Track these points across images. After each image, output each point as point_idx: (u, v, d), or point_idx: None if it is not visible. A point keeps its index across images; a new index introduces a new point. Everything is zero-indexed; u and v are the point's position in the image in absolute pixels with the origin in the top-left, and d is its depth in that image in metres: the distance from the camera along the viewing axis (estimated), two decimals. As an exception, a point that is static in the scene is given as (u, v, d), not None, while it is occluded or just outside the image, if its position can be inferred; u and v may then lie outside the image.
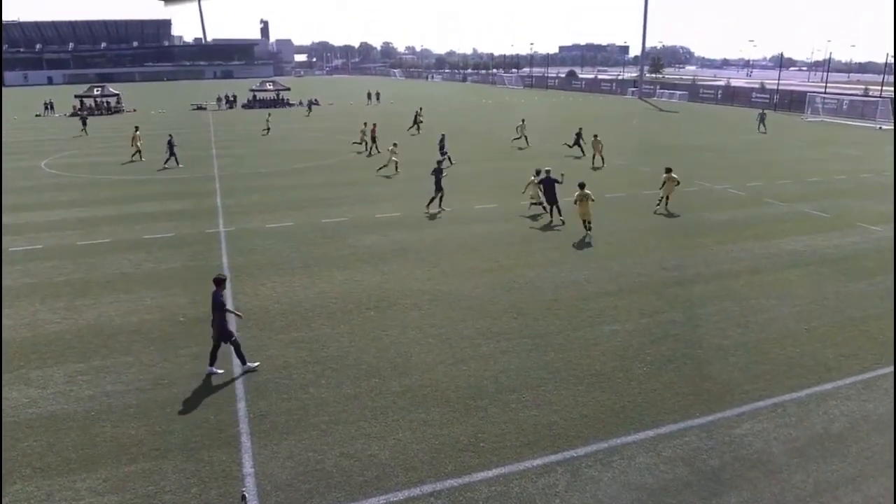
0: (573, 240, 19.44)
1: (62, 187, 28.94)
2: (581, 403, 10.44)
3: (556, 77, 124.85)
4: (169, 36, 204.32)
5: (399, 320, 13.82)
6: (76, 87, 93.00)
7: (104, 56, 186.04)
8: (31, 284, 16.51)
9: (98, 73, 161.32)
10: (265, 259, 18.15)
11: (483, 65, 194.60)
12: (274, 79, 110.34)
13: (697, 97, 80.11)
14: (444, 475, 8.74)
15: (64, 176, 32.19)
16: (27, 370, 11.93)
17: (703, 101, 77.94)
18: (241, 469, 8.98)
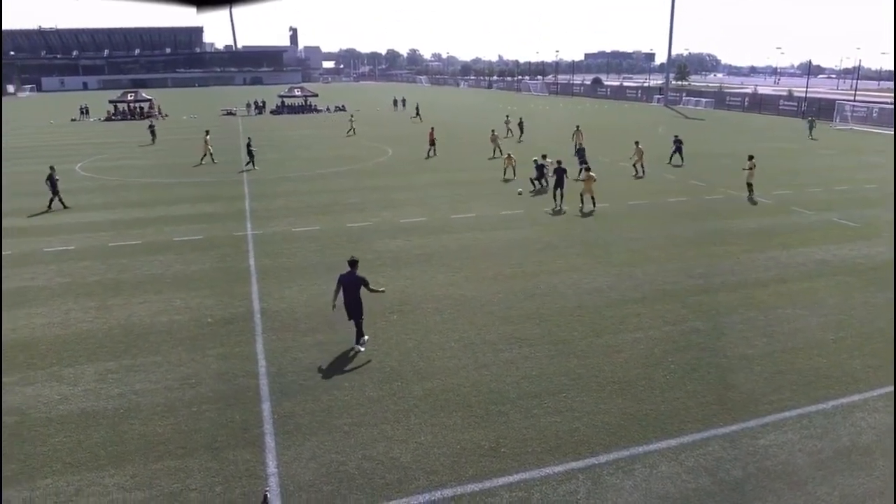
0: (596, 247, 19.32)
1: (95, 190, 29.49)
2: (603, 410, 10.36)
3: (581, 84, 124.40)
4: (201, 43, 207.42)
5: (422, 324, 13.84)
6: (110, 93, 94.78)
7: (138, 62, 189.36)
8: (65, 284, 16.84)
9: (132, 79, 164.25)
10: (291, 262, 18.31)
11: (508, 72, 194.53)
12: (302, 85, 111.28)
13: (724, 104, 79.18)
14: (465, 480, 8.72)
15: (97, 179, 32.80)
16: (59, 367, 12.16)
17: (730, 109, 77.00)
18: (265, 469, 9.06)
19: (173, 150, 43.93)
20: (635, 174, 31.56)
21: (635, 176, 31.34)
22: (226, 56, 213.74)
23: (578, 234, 20.77)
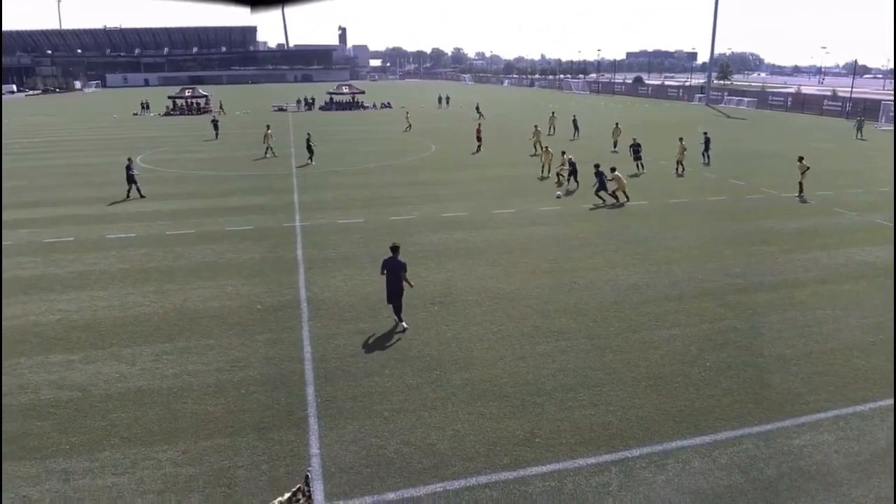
0: (634, 245, 19.04)
1: (155, 181, 30.28)
2: (637, 405, 10.24)
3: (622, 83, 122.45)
4: (254, 42, 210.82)
5: (461, 316, 13.87)
6: (169, 89, 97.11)
7: (195, 60, 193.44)
8: (125, 269, 17.37)
9: (189, 76, 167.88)
10: (337, 253, 18.52)
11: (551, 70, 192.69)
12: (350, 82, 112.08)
13: (766, 104, 76.95)
14: (500, 467, 8.73)
15: (156, 171, 33.68)
16: (119, 347, 12.56)
17: (772, 109, 74.81)
18: (308, 450, 9.21)
19: (229, 144, 44.80)
20: (677, 171, 30.93)
21: (678, 173, 30.71)
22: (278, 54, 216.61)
23: (616, 232, 20.50)
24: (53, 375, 11.49)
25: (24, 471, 8.82)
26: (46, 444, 9.45)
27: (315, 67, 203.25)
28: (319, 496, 8.16)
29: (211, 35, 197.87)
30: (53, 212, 24.54)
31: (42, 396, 10.78)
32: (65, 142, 49.87)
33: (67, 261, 18.25)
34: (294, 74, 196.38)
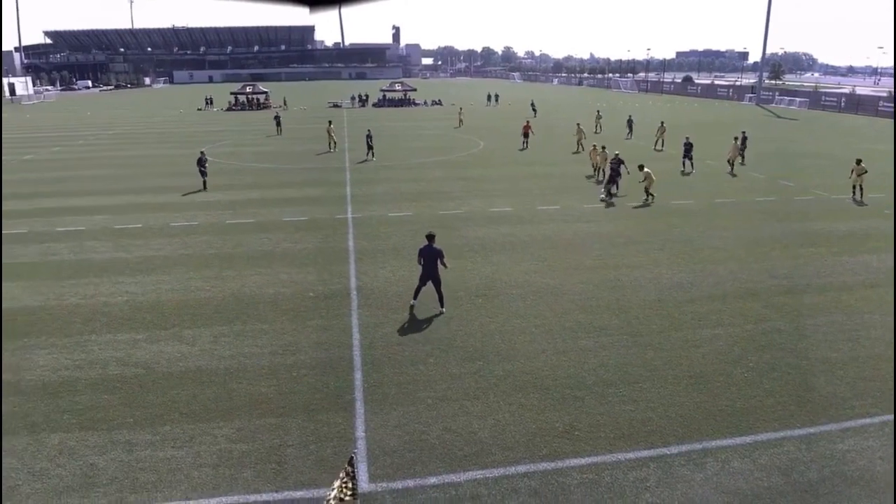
0: (679, 244, 18.63)
1: (217, 173, 31.02)
2: (678, 403, 10.03)
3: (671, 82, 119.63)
4: (312, 40, 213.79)
5: (505, 309, 13.83)
6: (231, 85, 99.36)
7: (256, 58, 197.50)
8: (187, 255, 17.91)
9: (250, 73, 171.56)
10: (386, 244, 18.69)
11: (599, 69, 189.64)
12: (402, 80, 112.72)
13: (818, 105, 73.99)
14: (539, 458, 8.69)
15: (219, 163, 34.53)
16: (180, 329, 12.97)
17: (825, 109, 71.90)
18: (354, 432, 9.34)
19: (287, 138, 45.62)
20: (731, 171, 30.07)
21: (730, 173, 29.86)
22: (334, 53, 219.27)
23: (661, 231, 20.08)
24: (120, 353, 11.95)
25: (92, 440, 9.21)
26: (112, 416, 9.84)
27: (369, 65, 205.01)
28: (364, 477, 8.28)
29: (271, 34, 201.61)
30: (124, 200, 25.47)
31: (109, 372, 11.22)
32: (135, 134, 51.65)
33: (135, 246, 18.92)
34: (349, 72, 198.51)
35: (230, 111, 73.01)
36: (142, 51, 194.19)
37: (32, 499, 8.01)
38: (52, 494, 8.09)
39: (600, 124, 47.05)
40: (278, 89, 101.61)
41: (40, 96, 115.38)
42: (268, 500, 7.94)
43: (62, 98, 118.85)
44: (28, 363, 11.59)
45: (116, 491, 8.14)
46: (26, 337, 12.71)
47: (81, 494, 8.08)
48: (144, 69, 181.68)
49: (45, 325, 13.26)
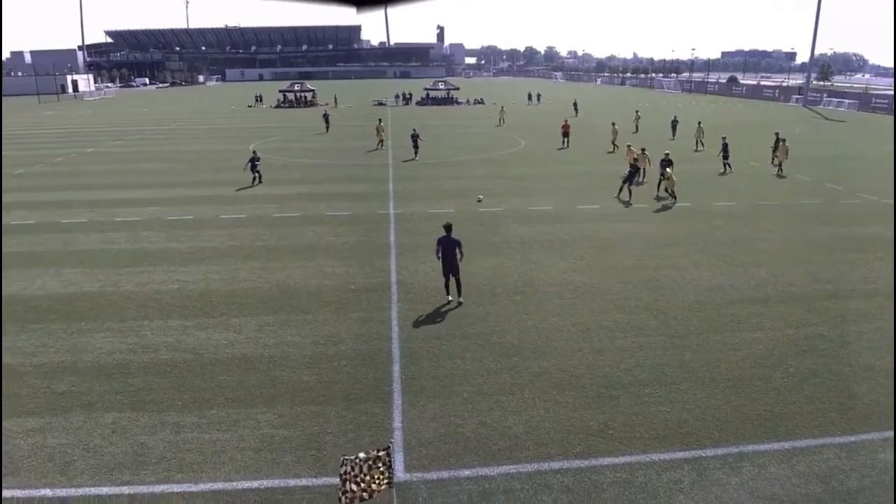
0: (720, 245, 18.18)
1: (265, 168, 31.55)
2: (714, 406, 9.81)
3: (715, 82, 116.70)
4: (359, 40, 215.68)
5: (542, 306, 13.73)
6: (280, 83, 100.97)
7: (305, 57, 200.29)
8: (235, 246, 18.30)
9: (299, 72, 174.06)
10: (427, 240, 18.74)
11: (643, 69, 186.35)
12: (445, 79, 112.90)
13: (868, 107, 71.06)
14: (573, 455, 8.62)
15: (267, 158, 35.14)
16: (227, 317, 13.27)
17: (875, 111, 69.02)
18: (392, 423, 9.42)
19: (334, 135, 46.14)
20: (778, 173, 29.21)
21: (777, 174, 29.01)
22: (379, 52, 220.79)
23: (703, 232, 19.63)
24: (170, 338, 12.30)
25: (143, 421, 9.51)
26: (162, 398, 10.14)
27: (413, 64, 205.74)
28: (399, 467, 8.34)
29: (319, 34, 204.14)
30: (177, 192, 26.18)
31: (160, 356, 11.57)
32: (188, 130, 52.99)
33: (187, 237, 19.44)
34: (394, 71, 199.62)
35: (278, 108, 74.24)
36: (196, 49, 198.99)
37: (87, 474, 8.32)
38: (104, 470, 8.39)
39: (638, 124, 46.26)
40: (325, 87, 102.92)
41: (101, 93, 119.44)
42: (307, 486, 8.08)
43: (121, 94, 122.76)
44: (85, 345, 12.04)
45: (164, 470, 8.39)
46: (84, 321, 13.20)
47: (132, 472, 8.35)
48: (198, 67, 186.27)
49: (101, 310, 13.74)
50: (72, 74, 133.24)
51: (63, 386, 10.56)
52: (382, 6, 2.84)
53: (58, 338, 12.41)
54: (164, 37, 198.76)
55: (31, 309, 13.90)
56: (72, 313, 13.62)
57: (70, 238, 19.49)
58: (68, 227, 20.91)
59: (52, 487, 8.07)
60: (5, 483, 8.16)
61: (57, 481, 8.19)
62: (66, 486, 8.09)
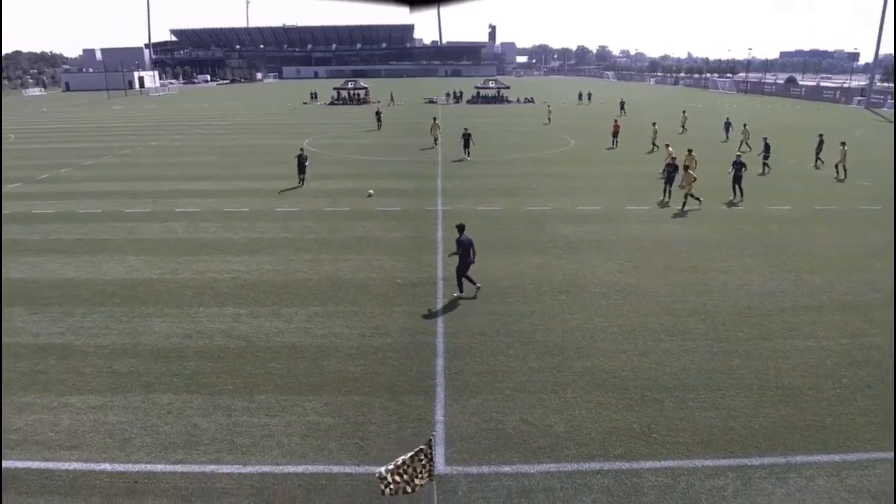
0: (774, 250, 17.57)
1: (318, 163, 32.18)
2: (762, 414, 9.50)
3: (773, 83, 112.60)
4: (411, 39, 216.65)
5: (587, 306, 13.56)
6: (334, 81, 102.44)
7: (359, 55, 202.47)
8: (288, 239, 18.68)
9: (353, 70, 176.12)
10: (473, 237, 18.69)
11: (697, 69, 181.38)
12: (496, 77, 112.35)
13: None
14: (614, 457, 8.49)
15: (321, 154, 35.77)
16: (279, 307, 13.57)
17: (946, 115, 65.37)
18: (434, 416, 9.46)
19: (385, 132, 46.56)
20: (836, 176, 28.04)
21: (837, 178, 27.85)
22: (431, 50, 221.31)
23: (756, 235, 19.01)
24: (224, 325, 12.66)
25: (197, 403, 9.82)
26: (215, 382, 10.45)
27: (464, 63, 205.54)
28: (440, 460, 8.38)
29: (373, 32, 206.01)
30: (234, 185, 26.90)
31: (214, 342, 11.92)
32: (246, 125, 54.34)
33: (242, 228, 19.95)
34: (445, 69, 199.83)
35: (332, 105, 75.31)
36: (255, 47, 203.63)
37: (143, 451, 8.65)
38: (159, 448, 8.70)
39: (686, 125, 45.07)
40: (378, 85, 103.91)
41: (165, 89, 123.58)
42: (350, 473, 8.20)
43: (184, 91, 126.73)
44: (145, 329, 12.51)
45: (215, 451, 8.65)
46: (144, 305, 13.71)
47: (185, 451, 8.64)
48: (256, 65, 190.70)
49: (161, 296, 14.25)
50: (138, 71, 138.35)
51: (124, 367, 11.00)
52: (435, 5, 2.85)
53: (120, 321, 12.94)
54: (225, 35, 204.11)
55: (97, 293, 14.53)
56: (134, 298, 14.17)
57: (134, 227, 20.27)
58: (132, 216, 21.74)
59: (111, 462, 8.42)
60: (69, 456, 8.56)
61: (116, 457, 8.54)
62: (124, 462, 8.43)
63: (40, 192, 26.28)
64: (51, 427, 9.23)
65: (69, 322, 12.91)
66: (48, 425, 9.28)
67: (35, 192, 26.31)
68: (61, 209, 22.85)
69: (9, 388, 10.30)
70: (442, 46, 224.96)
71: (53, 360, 11.28)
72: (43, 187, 27.31)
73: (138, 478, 8.13)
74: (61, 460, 8.47)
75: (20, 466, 8.34)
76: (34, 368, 10.97)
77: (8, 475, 8.18)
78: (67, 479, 8.12)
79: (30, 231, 19.91)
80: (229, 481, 8.05)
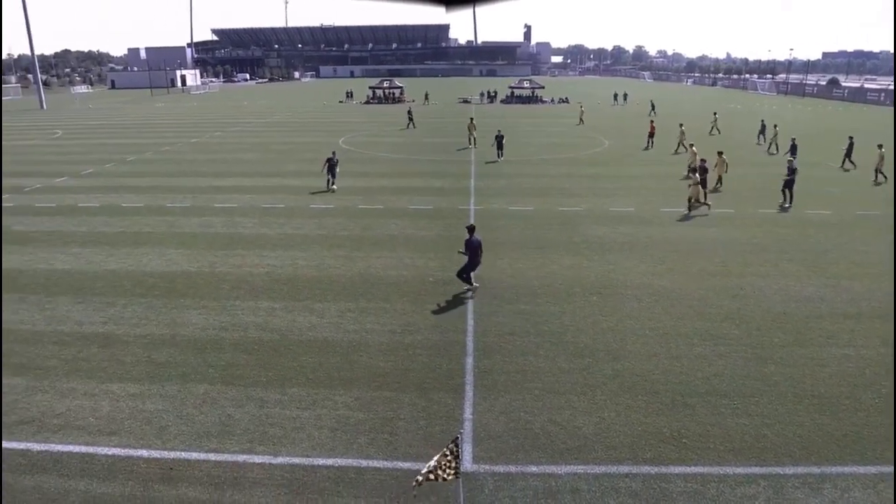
0: (812, 255, 17.11)
1: (353, 161, 32.46)
2: (797, 423, 9.26)
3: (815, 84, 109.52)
4: (447, 38, 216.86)
5: (619, 309, 13.40)
6: (370, 80, 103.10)
7: (394, 55, 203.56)
8: (322, 235, 18.89)
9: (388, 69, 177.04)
10: (505, 237, 18.69)
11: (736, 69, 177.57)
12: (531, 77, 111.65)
13: None
14: (643, 461, 8.38)
15: (355, 152, 36.06)
16: (312, 301, 13.73)
17: None
18: (462, 414, 9.47)
19: (419, 131, 46.72)
20: (875, 180, 27.17)
21: (875, 182, 26.98)
22: (466, 50, 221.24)
23: (794, 240, 18.53)
24: (259, 318, 12.87)
25: (230, 394, 10.01)
26: (249, 374, 10.63)
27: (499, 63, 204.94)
28: (467, 458, 8.38)
29: (409, 32, 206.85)
30: (271, 181, 27.31)
31: (249, 335, 12.12)
32: (284, 123, 55.10)
33: (278, 224, 20.25)
34: (480, 69, 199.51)
35: (368, 104, 75.85)
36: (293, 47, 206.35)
37: (178, 439, 8.85)
38: (194, 437, 8.89)
39: (717, 127, 44.17)
40: (413, 85, 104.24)
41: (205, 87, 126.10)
42: (378, 468, 8.26)
43: (224, 89, 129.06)
44: (183, 320, 12.79)
45: (248, 441, 8.80)
46: (183, 297, 14.02)
47: (219, 440, 8.81)
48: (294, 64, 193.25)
49: (198, 289, 14.55)
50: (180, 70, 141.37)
51: (162, 356, 11.27)
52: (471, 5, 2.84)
53: (159, 312, 13.26)
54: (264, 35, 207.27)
55: (137, 283, 14.92)
56: (172, 290, 14.51)
57: (174, 221, 20.74)
58: (172, 210, 22.25)
59: (148, 449, 8.64)
60: (108, 441, 8.81)
61: (152, 443, 8.76)
62: (160, 449, 8.64)
63: (85, 185, 27.08)
64: (91, 413, 9.51)
65: (111, 312, 13.29)
66: (89, 411, 9.57)
67: (80, 185, 27.13)
68: (105, 203, 23.51)
69: (53, 374, 10.65)
70: (477, 46, 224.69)
71: (95, 348, 11.62)
72: (88, 181, 28.14)
73: (173, 465, 8.32)
74: (101, 445, 8.72)
75: (62, 450, 8.62)
76: (77, 356, 11.32)
77: (50, 458, 8.46)
78: (106, 463, 8.35)
79: (76, 223, 20.54)
80: (260, 471, 8.19)
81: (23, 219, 21.20)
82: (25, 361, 11.11)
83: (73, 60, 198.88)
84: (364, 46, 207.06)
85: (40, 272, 15.86)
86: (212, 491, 7.83)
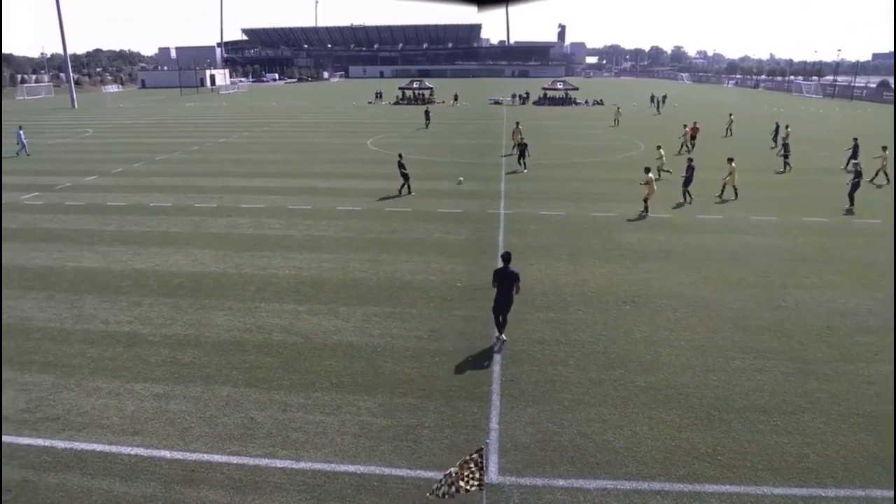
0: (859, 266, 16.65)
1: (381, 162, 32.66)
2: (840, 443, 9.01)
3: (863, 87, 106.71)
4: (478, 38, 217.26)
5: (653, 318, 13.22)
6: (400, 80, 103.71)
7: (425, 55, 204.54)
8: (348, 238, 19.04)
9: (418, 69, 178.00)
10: (536, 242, 18.59)
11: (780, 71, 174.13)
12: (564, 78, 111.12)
13: None
14: (675, 478, 8.23)
15: (383, 153, 36.28)
16: (337, 305, 13.84)
17: None
18: (489, 423, 9.43)
19: (450, 133, 46.83)
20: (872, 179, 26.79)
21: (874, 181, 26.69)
22: (498, 50, 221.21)
23: (840, 250, 18.07)
24: (284, 321, 13.01)
25: (254, 397, 10.13)
26: (272, 377, 10.75)
27: (532, 63, 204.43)
28: (493, 469, 8.34)
29: (440, 32, 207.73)
30: (298, 182, 27.63)
31: (274, 337, 12.26)
32: (312, 124, 55.75)
33: (304, 225, 20.47)
34: (512, 70, 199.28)
35: (397, 105, 76.29)
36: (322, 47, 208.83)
37: (201, 440, 8.99)
38: (217, 439, 9.02)
39: (731, 129, 43.84)
40: (444, 85, 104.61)
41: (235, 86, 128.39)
42: (401, 476, 8.27)
43: (253, 88, 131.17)
44: (208, 321, 13.00)
45: (270, 445, 8.89)
46: (208, 298, 14.26)
47: (241, 443, 8.93)
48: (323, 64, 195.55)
49: (224, 290, 14.79)
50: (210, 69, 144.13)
51: (187, 357, 11.47)
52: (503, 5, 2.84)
53: (185, 312, 13.50)
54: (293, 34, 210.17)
55: (164, 283, 15.22)
56: (198, 291, 14.76)
57: (201, 221, 21.12)
58: (200, 210, 22.66)
59: (171, 450, 8.79)
60: (131, 441, 8.99)
61: (175, 444, 8.91)
62: (183, 450, 8.78)
63: (114, 184, 27.76)
64: (116, 412, 9.72)
65: (137, 311, 13.58)
66: (114, 410, 9.78)
67: (109, 184, 27.82)
68: (133, 202, 24.06)
69: (79, 372, 10.92)
70: (509, 46, 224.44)
71: (121, 347, 11.88)
72: (117, 180, 28.84)
73: (195, 466, 8.45)
74: (124, 444, 8.90)
75: (86, 448, 8.82)
76: (103, 354, 11.58)
77: (74, 456, 8.66)
78: (129, 463, 8.52)
79: (104, 222, 21.06)
80: (282, 476, 8.26)
81: (52, 217, 21.81)
82: (53, 359, 11.41)
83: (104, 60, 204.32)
84: (394, 46, 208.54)
85: (68, 270, 16.29)
86: (233, 494, 7.93)
